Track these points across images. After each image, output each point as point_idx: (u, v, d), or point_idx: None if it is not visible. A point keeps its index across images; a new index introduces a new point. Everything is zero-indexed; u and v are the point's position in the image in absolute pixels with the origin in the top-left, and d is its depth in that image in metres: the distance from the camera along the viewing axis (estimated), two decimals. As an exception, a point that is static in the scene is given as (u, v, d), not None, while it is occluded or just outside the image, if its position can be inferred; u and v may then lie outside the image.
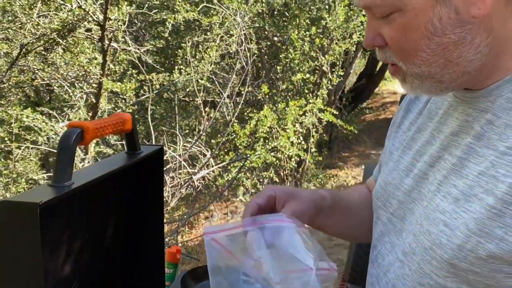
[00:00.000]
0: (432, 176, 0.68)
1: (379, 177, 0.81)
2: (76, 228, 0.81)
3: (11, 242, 0.59)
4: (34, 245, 0.58)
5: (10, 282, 0.59)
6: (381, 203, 0.76)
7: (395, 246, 0.71)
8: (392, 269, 0.70)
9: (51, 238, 0.74)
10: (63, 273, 0.80)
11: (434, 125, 0.71)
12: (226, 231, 0.71)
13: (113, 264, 0.99)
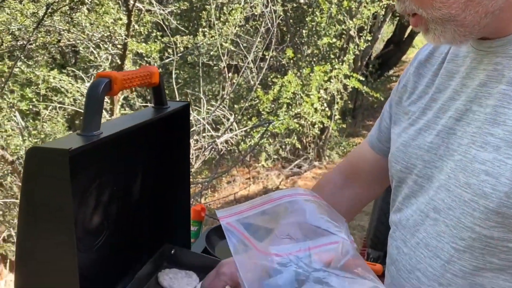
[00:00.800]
0: (461, 130, 0.66)
1: (396, 141, 0.78)
2: (104, 179, 0.81)
3: (42, 189, 0.59)
4: (64, 192, 0.58)
5: (41, 230, 0.60)
6: (401, 166, 0.74)
7: (422, 205, 0.69)
8: (422, 228, 0.68)
9: (80, 187, 0.75)
10: (93, 223, 0.82)
11: (457, 82, 0.69)
12: (240, 213, 0.67)
13: (140, 218, 1.01)
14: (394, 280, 0.73)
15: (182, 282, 0.97)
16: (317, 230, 0.66)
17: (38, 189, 0.59)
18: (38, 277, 0.62)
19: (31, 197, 0.60)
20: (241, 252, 0.60)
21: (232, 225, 0.62)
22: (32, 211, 0.60)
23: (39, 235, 0.60)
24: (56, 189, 0.59)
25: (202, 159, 3.26)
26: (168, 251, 1.04)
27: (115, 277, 0.89)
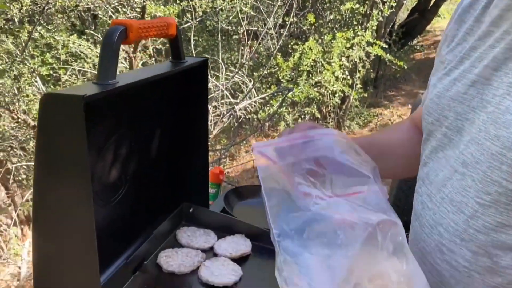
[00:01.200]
0: (497, 80, 0.62)
1: (430, 93, 0.74)
2: (122, 133, 0.80)
3: (57, 138, 0.58)
4: (79, 141, 0.57)
5: (57, 181, 0.59)
6: (433, 118, 0.70)
7: (452, 160, 0.66)
8: (449, 183, 0.65)
9: (98, 140, 0.74)
10: (111, 178, 0.81)
11: (502, 29, 0.63)
12: (274, 144, 0.68)
13: (158, 176, 1.00)
14: (417, 236, 0.71)
15: (200, 240, 0.97)
16: (346, 169, 0.66)
17: (52, 138, 0.58)
18: (54, 231, 0.61)
19: (46, 147, 0.58)
20: (269, 181, 0.61)
21: (264, 153, 0.62)
22: (47, 161, 0.59)
23: (55, 186, 0.59)
24: (71, 138, 0.57)
25: (221, 126, 3.24)
26: (186, 209, 1.03)
27: (133, 233, 0.89)
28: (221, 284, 0.84)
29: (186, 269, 0.86)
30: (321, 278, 0.51)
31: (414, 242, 0.72)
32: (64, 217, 0.60)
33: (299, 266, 0.52)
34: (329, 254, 0.53)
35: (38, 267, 0.63)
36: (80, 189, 0.58)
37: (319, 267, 0.52)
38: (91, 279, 0.61)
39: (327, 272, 0.52)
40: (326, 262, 0.52)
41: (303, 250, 0.54)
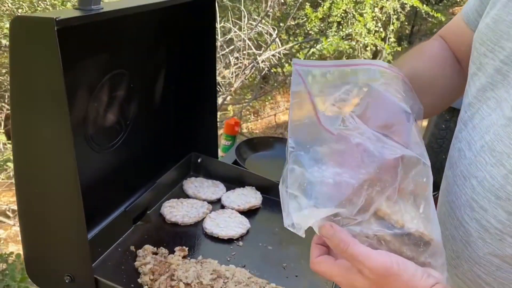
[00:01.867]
0: None
1: (487, 14, 0.60)
2: (118, 72, 0.73)
3: (30, 65, 0.51)
4: (53, 69, 0.50)
5: (33, 112, 0.53)
6: (486, 48, 0.57)
7: (502, 102, 0.55)
8: (493, 129, 0.55)
9: (87, 75, 0.67)
10: (107, 122, 0.75)
11: None
12: (318, 66, 0.59)
13: (164, 123, 0.93)
14: (448, 186, 0.62)
15: (207, 191, 0.91)
16: (385, 101, 0.57)
17: (26, 67, 0.52)
18: (36, 174, 0.56)
19: (19, 76, 0.52)
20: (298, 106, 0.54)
21: (301, 74, 0.55)
22: (22, 92, 0.53)
23: (32, 121, 0.53)
24: (45, 66, 0.51)
25: (242, 78, 3.13)
26: (194, 159, 0.98)
27: (136, 182, 0.84)
28: (226, 236, 0.79)
29: (190, 220, 0.81)
30: (324, 192, 0.47)
31: (444, 193, 0.63)
32: (45, 156, 0.54)
33: (306, 179, 0.47)
34: (339, 172, 0.48)
35: (23, 214, 0.59)
36: (58, 124, 0.52)
37: (325, 182, 0.47)
38: (77, 222, 0.56)
39: (333, 188, 0.47)
40: (334, 178, 0.47)
41: (314, 164, 0.49)
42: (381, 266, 0.44)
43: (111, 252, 0.72)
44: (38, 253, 0.61)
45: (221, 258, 0.73)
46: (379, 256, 0.45)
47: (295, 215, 0.46)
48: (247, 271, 0.71)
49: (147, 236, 0.77)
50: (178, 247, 0.74)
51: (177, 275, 0.67)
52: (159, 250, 0.73)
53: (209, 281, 0.67)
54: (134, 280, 0.67)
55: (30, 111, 0.53)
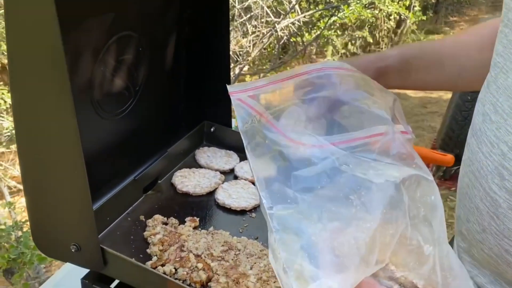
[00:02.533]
0: None
1: None
2: (125, 34, 0.69)
3: (25, 25, 0.48)
4: (50, 25, 0.46)
5: (33, 77, 0.50)
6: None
7: None
8: None
9: (91, 35, 0.63)
10: (115, 87, 0.72)
11: None
12: (255, 89, 0.51)
13: (175, 90, 0.90)
14: (472, 155, 0.57)
15: (220, 161, 0.88)
16: (357, 110, 0.50)
17: (22, 28, 0.48)
18: (37, 139, 0.53)
19: (15, 38, 0.49)
20: (255, 136, 0.46)
21: (244, 101, 0.47)
22: (18, 56, 0.50)
23: (30, 85, 0.50)
24: (42, 26, 0.47)
25: (260, 47, 3.05)
26: (207, 128, 0.94)
27: (147, 151, 0.81)
28: (239, 207, 0.76)
29: (202, 190, 0.79)
30: (329, 261, 0.37)
31: (467, 162, 0.58)
32: (45, 122, 0.52)
33: (301, 244, 0.38)
34: (340, 228, 0.39)
35: (27, 183, 0.57)
36: (58, 88, 0.49)
37: (328, 246, 0.38)
38: (81, 191, 0.54)
39: (342, 250, 0.38)
40: (337, 239, 0.38)
41: (307, 223, 0.39)
42: None
43: (120, 222, 0.70)
44: (44, 222, 0.59)
45: (233, 230, 0.71)
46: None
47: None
48: (259, 243, 0.68)
49: (158, 206, 0.75)
50: (189, 218, 0.72)
51: (187, 246, 0.65)
52: (169, 220, 0.71)
53: (219, 253, 0.65)
54: (143, 250, 0.65)
55: (29, 76, 0.50)
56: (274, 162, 0.44)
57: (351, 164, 0.44)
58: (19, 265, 1.28)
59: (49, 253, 0.62)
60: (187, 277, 0.61)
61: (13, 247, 1.29)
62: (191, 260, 0.63)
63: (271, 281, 0.61)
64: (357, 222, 0.39)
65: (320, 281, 0.36)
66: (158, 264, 0.62)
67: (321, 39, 3.93)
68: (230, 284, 0.60)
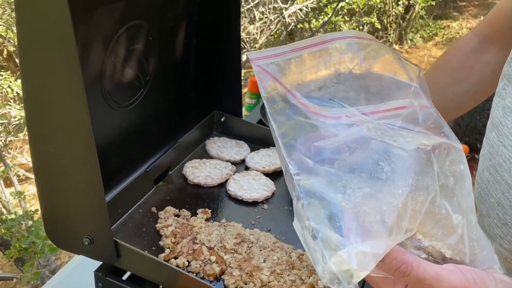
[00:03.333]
0: None
1: None
2: (135, 24, 0.68)
3: (36, 14, 0.47)
4: (62, 20, 0.45)
5: (44, 67, 0.49)
6: None
7: None
8: None
9: (101, 25, 0.62)
10: (125, 77, 0.71)
11: None
12: (278, 55, 0.49)
13: (185, 80, 0.89)
14: (492, 149, 0.56)
15: (231, 152, 0.87)
16: (377, 79, 0.49)
17: (32, 17, 0.47)
18: (49, 133, 0.53)
19: (26, 28, 0.48)
20: (277, 103, 0.44)
21: (265, 69, 0.46)
22: (29, 46, 0.48)
23: (41, 75, 0.49)
24: (54, 16, 0.46)
25: (268, 34, 3.01)
26: (218, 118, 0.93)
27: (157, 142, 0.80)
28: (251, 199, 0.75)
29: (213, 182, 0.78)
30: (358, 228, 0.36)
31: (487, 157, 0.57)
32: (57, 113, 0.51)
33: (332, 210, 0.37)
34: (370, 194, 0.38)
35: (39, 175, 0.56)
36: (69, 79, 0.48)
37: (357, 213, 0.37)
38: (94, 183, 0.53)
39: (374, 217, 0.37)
40: (367, 204, 0.37)
41: (335, 190, 0.38)
42: (459, 286, 0.36)
43: (132, 214, 0.70)
44: (56, 215, 0.59)
45: (245, 222, 0.70)
46: (453, 276, 0.37)
47: (335, 261, 0.34)
48: (272, 236, 0.68)
49: (169, 198, 0.75)
50: (200, 209, 0.72)
51: (199, 238, 0.65)
52: (181, 212, 0.71)
53: (232, 245, 0.64)
54: (156, 243, 0.64)
55: (40, 66, 0.49)
56: (296, 131, 0.43)
57: (380, 131, 0.43)
58: (30, 255, 1.29)
59: (61, 246, 0.61)
60: (200, 270, 0.60)
61: (24, 237, 1.30)
62: (204, 253, 0.62)
63: (284, 274, 0.61)
64: (388, 188, 0.38)
65: (351, 247, 0.35)
66: (171, 256, 0.62)
67: (329, 25, 3.87)
68: (244, 277, 0.60)
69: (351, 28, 4.22)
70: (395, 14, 4.53)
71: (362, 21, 4.33)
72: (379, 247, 0.35)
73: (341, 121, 0.44)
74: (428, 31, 5.33)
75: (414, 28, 5.20)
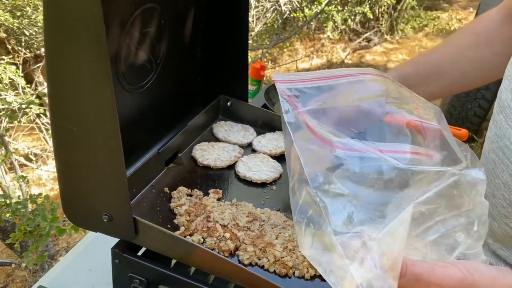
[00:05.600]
0: None
1: None
2: (149, 7, 0.69)
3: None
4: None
5: (69, 47, 0.50)
6: None
7: None
8: None
9: (118, 8, 0.63)
10: (138, 60, 0.72)
11: None
12: (298, 82, 0.49)
13: (194, 64, 0.90)
14: (500, 132, 0.59)
15: (238, 135, 0.89)
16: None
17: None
18: (72, 112, 0.54)
19: (53, 8, 0.49)
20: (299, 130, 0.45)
21: (286, 93, 0.46)
22: (55, 26, 0.50)
23: (66, 55, 0.50)
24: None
25: (264, 22, 3.02)
26: (224, 102, 0.95)
27: (166, 125, 0.82)
28: (260, 180, 0.77)
29: (222, 164, 0.80)
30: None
31: (494, 139, 0.60)
32: (81, 92, 0.52)
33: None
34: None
35: (59, 153, 0.58)
36: (95, 59, 0.49)
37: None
38: (116, 160, 0.55)
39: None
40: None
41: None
42: (456, 280, 0.37)
43: (145, 193, 0.71)
44: (75, 192, 0.60)
45: (255, 202, 0.73)
46: (446, 270, 0.37)
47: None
48: (282, 214, 0.70)
49: (180, 179, 0.76)
50: (212, 190, 0.74)
51: (213, 216, 0.67)
52: (193, 192, 0.73)
53: (245, 223, 0.66)
54: (170, 221, 0.66)
55: (65, 46, 0.50)
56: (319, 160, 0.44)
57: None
58: (35, 237, 1.30)
59: (80, 223, 0.63)
60: (215, 246, 0.63)
61: (30, 219, 1.31)
62: (218, 230, 0.64)
63: (296, 250, 0.63)
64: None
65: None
66: (186, 233, 0.64)
67: (322, 14, 3.89)
68: (258, 253, 0.62)
69: (343, 18, 4.23)
70: (386, 4, 4.56)
71: (355, 10, 4.35)
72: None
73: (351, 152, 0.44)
74: (418, 21, 5.37)
75: (405, 18, 5.23)
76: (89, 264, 0.80)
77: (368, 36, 4.75)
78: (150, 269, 0.63)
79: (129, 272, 0.64)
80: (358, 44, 4.69)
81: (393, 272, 0.34)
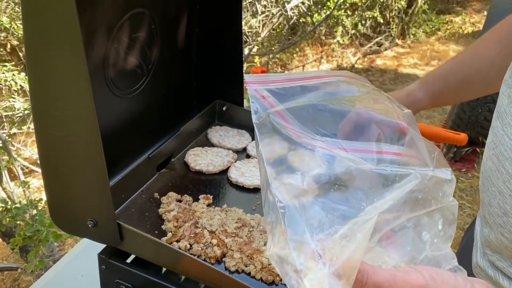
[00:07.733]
0: None
1: None
2: (138, 12, 0.69)
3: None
4: (67, 7, 0.46)
5: (49, 53, 0.50)
6: None
7: None
8: None
9: (105, 13, 0.63)
10: (128, 65, 0.72)
11: None
12: (272, 83, 0.48)
13: (188, 69, 0.90)
14: (496, 138, 0.57)
15: (232, 140, 0.88)
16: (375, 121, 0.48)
17: (38, 5, 0.48)
18: (55, 118, 0.54)
19: (31, 16, 0.49)
20: (268, 131, 0.44)
21: (260, 93, 0.45)
22: (35, 33, 0.50)
23: (46, 61, 0.50)
24: (58, 3, 0.47)
25: (270, 28, 3.02)
26: (219, 107, 0.94)
27: (160, 130, 0.82)
28: (252, 185, 0.76)
29: (214, 169, 0.79)
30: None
31: (491, 146, 0.58)
32: (63, 98, 0.52)
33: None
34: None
35: (44, 159, 0.57)
36: (74, 65, 0.49)
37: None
38: (98, 166, 0.54)
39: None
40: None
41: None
42: (416, 287, 0.36)
43: (135, 199, 0.71)
44: (61, 198, 0.60)
45: (246, 207, 0.71)
46: (408, 275, 0.36)
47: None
48: (272, 221, 0.69)
49: (171, 184, 0.76)
50: (202, 195, 0.73)
51: (201, 222, 0.66)
52: (183, 197, 0.72)
53: (233, 229, 0.65)
54: (158, 227, 0.66)
55: (45, 53, 0.50)
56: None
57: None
58: (35, 243, 1.31)
59: (66, 229, 0.63)
60: (202, 252, 0.62)
61: (29, 224, 1.32)
62: (205, 236, 0.63)
63: (284, 257, 0.62)
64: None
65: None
66: (173, 240, 0.63)
67: (331, 19, 3.87)
68: (244, 260, 0.61)
69: (353, 22, 4.21)
70: (397, 8, 4.52)
71: (365, 15, 4.32)
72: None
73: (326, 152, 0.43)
74: (431, 25, 5.31)
75: (416, 22, 5.18)
76: (81, 270, 0.80)
77: (379, 40, 4.71)
78: (136, 276, 0.62)
79: (116, 278, 0.64)
80: (369, 48, 4.66)
81: (346, 278, 0.33)
